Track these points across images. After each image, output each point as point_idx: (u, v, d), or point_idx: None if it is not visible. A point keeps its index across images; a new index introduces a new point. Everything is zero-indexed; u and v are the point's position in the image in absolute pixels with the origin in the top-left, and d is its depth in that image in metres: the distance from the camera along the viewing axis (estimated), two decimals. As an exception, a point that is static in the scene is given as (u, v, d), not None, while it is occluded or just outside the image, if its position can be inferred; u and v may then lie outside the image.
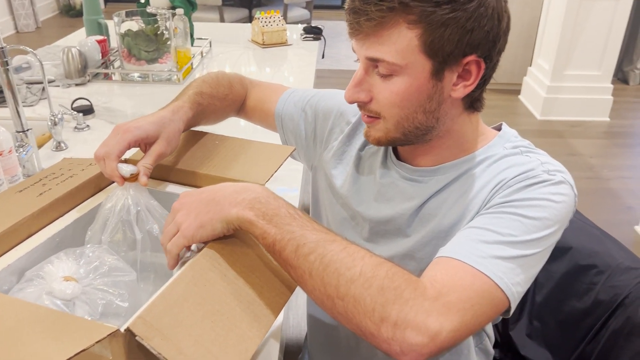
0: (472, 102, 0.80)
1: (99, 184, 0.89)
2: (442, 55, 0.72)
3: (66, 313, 0.60)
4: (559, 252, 1.02)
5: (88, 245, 0.79)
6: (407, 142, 0.82)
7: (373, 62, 0.75)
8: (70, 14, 6.21)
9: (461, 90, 0.76)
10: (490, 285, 0.65)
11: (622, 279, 0.91)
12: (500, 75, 4.48)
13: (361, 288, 0.61)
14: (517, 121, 3.80)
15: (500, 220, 0.71)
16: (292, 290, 0.71)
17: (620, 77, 4.57)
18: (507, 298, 0.66)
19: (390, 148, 0.90)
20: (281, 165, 0.88)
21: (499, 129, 0.86)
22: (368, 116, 0.81)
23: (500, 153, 0.81)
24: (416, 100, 0.75)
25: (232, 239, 0.71)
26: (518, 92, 4.20)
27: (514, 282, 0.67)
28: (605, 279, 0.93)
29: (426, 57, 0.72)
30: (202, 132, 0.98)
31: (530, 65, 4.10)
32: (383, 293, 0.61)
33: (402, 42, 0.71)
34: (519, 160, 0.79)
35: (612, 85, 3.76)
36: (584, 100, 3.78)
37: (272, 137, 1.08)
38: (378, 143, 0.83)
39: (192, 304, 0.60)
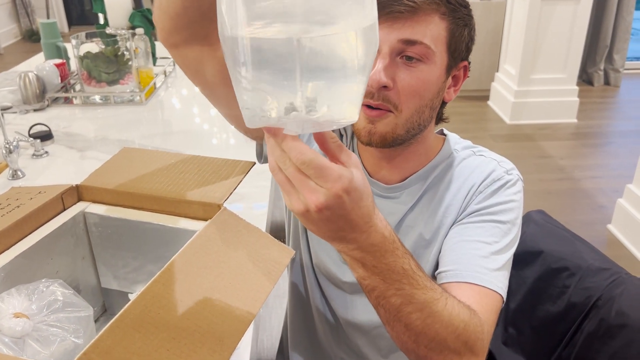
0: (440, 114, 0.86)
1: (47, 214, 0.84)
2: (456, 53, 0.78)
3: (7, 355, 0.56)
4: (530, 256, 1.01)
5: (42, 280, 0.75)
6: (403, 141, 0.80)
7: (405, 46, 0.74)
8: (33, 39, 6.10)
9: (451, 94, 0.82)
10: (498, 300, 0.74)
11: (594, 280, 0.90)
12: (468, 81, 4.52)
13: (449, 343, 0.66)
14: (488, 126, 3.83)
15: (483, 230, 0.79)
16: (257, 309, 0.68)
17: (585, 78, 4.66)
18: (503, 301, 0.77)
19: (363, 166, 0.90)
20: (240, 182, 0.85)
21: (440, 133, 0.92)
22: (379, 109, 0.77)
23: (459, 156, 0.87)
24: (432, 92, 0.78)
25: (190, 259, 0.67)
26: (487, 97, 4.25)
27: (504, 285, 0.76)
28: (577, 282, 0.92)
29: (447, 51, 0.77)
30: (158, 151, 0.95)
31: (497, 71, 4.16)
32: (465, 345, 0.67)
33: (435, 30, 0.75)
34: (476, 161, 0.85)
35: (577, 87, 3.83)
36: (551, 103, 3.83)
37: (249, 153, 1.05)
38: (383, 140, 0.78)
39: (145, 334, 0.56)
